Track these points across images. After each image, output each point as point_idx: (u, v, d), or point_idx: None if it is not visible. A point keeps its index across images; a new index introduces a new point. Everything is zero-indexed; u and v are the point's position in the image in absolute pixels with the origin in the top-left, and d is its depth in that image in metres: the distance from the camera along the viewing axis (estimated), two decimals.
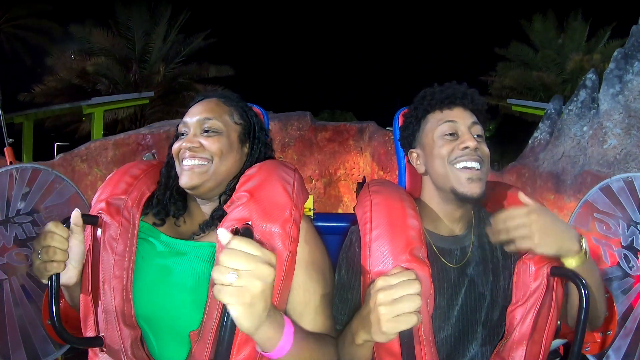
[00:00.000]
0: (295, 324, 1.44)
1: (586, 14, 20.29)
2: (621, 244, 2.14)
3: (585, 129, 8.18)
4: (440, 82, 1.96)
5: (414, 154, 1.96)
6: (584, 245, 1.67)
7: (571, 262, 1.64)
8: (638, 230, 2.09)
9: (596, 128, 7.88)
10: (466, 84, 1.94)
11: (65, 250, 1.58)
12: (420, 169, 1.93)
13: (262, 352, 1.38)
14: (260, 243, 1.43)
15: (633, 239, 2.11)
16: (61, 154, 10.69)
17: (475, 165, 1.77)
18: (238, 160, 1.83)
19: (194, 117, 1.83)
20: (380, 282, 1.42)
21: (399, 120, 2.13)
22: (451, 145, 1.82)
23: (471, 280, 1.81)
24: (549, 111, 9.22)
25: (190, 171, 1.74)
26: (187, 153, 1.76)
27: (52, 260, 1.54)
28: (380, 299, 1.39)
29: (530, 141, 9.42)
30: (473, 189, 1.76)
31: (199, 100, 1.92)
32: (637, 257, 2.09)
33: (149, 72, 19.63)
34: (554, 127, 8.90)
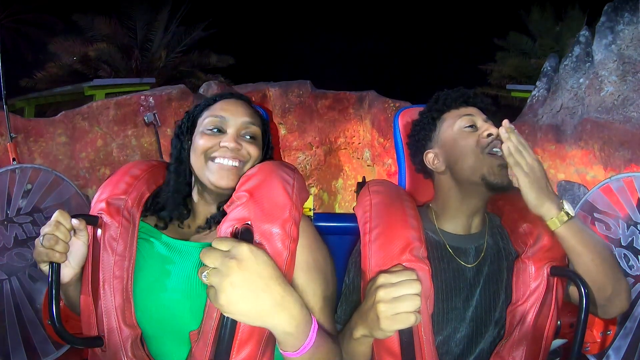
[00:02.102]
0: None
1: (583, 3, 20.21)
2: (621, 244, 2.13)
3: (581, 80, 8.41)
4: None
5: (431, 154, 1.94)
6: (566, 207, 1.64)
7: (555, 223, 1.62)
8: (638, 230, 2.07)
9: (592, 78, 8.11)
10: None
11: (67, 243, 1.58)
12: (440, 167, 1.91)
13: (287, 351, 1.36)
14: (260, 243, 1.45)
15: (633, 239, 2.09)
16: (63, 112, 10.80)
17: (501, 152, 1.73)
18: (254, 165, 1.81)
19: (237, 116, 1.80)
20: (381, 279, 1.41)
21: (399, 121, 2.12)
22: (475, 136, 1.82)
23: (487, 279, 1.81)
24: (545, 69, 9.46)
25: (228, 172, 1.72)
26: (229, 154, 1.73)
27: (53, 249, 1.54)
28: (380, 296, 1.38)
29: (528, 100, 9.71)
30: (503, 178, 1.74)
31: (230, 97, 1.91)
32: (637, 257, 2.08)
33: (151, 59, 19.60)
34: (550, 84, 9.14)
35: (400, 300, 1.36)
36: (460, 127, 1.86)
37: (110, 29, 18.99)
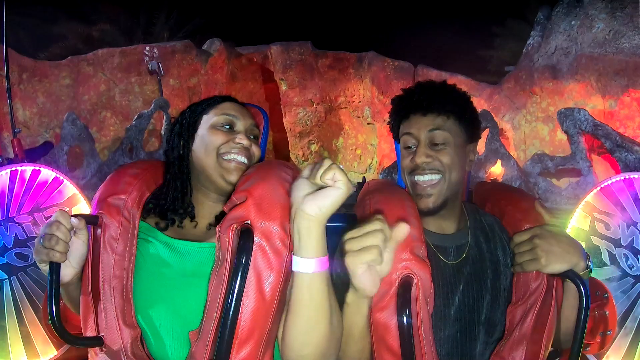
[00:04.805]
0: None
1: None
2: (621, 244, 2.12)
3: (573, 22, 8.93)
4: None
5: None
6: (589, 263, 1.67)
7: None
8: (638, 230, 2.06)
9: (583, 18, 8.65)
10: (434, 82, 1.94)
11: (67, 243, 1.57)
12: None
13: (305, 261, 1.41)
14: (260, 243, 1.46)
15: (633, 238, 2.08)
16: (69, 57, 10.94)
17: (425, 178, 1.79)
18: None
19: (246, 117, 1.86)
20: (349, 234, 1.42)
21: None
22: (409, 158, 1.84)
23: (468, 279, 1.80)
24: (538, 18, 10.03)
25: (240, 169, 1.75)
26: (243, 151, 1.78)
27: (53, 249, 1.54)
28: (347, 248, 1.39)
29: (524, 50, 10.12)
30: (423, 204, 1.80)
31: (230, 101, 1.92)
32: (637, 257, 2.07)
33: (153, 42, 19.59)
34: (544, 31, 9.71)
35: (363, 252, 1.37)
36: (403, 145, 1.89)
37: (114, 11, 18.95)
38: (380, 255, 1.36)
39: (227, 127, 1.81)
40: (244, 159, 1.76)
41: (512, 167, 7.97)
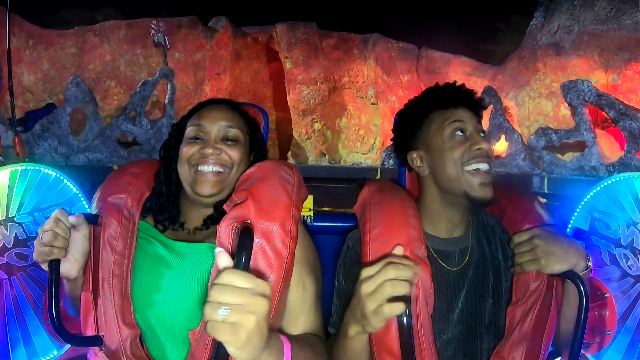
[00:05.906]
0: (290, 339, 1.36)
1: None
2: (621, 244, 2.10)
3: (575, 1, 9.07)
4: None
5: (415, 155, 1.85)
6: (589, 263, 1.66)
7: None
8: (638, 230, 2.04)
9: None
10: (464, 84, 1.86)
11: (66, 239, 1.57)
12: (424, 171, 1.84)
13: None
14: (260, 245, 1.44)
15: (633, 238, 2.05)
16: (76, 27, 11.05)
17: (486, 167, 1.72)
18: (246, 169, 1.75)
19: (214, 122, 1.78)
20: (364, 273, 1.36)
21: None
22: (462, 147, 1.73)
23: (471, 283, 1.77)
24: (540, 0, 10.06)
25: (209, 179, 1.71)
26: (210, 160, 1.71)
27: (52, 246, 1.53)
28: (363, 290, 1.32)
29: (527, 31, 10.20)
30: (486, 193, 1.71)
31: (210, 104, 1.86)
32: (637, 257, 2.05)
33: None
34: (547, 11, 9.81)
35: (379, 292, 1.30)
36: (450, 134, 1.76)
37: None
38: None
39: (196, 138, 1.77)
40: (213, 168, 1.72)
41: (516, 141, 7.90)
